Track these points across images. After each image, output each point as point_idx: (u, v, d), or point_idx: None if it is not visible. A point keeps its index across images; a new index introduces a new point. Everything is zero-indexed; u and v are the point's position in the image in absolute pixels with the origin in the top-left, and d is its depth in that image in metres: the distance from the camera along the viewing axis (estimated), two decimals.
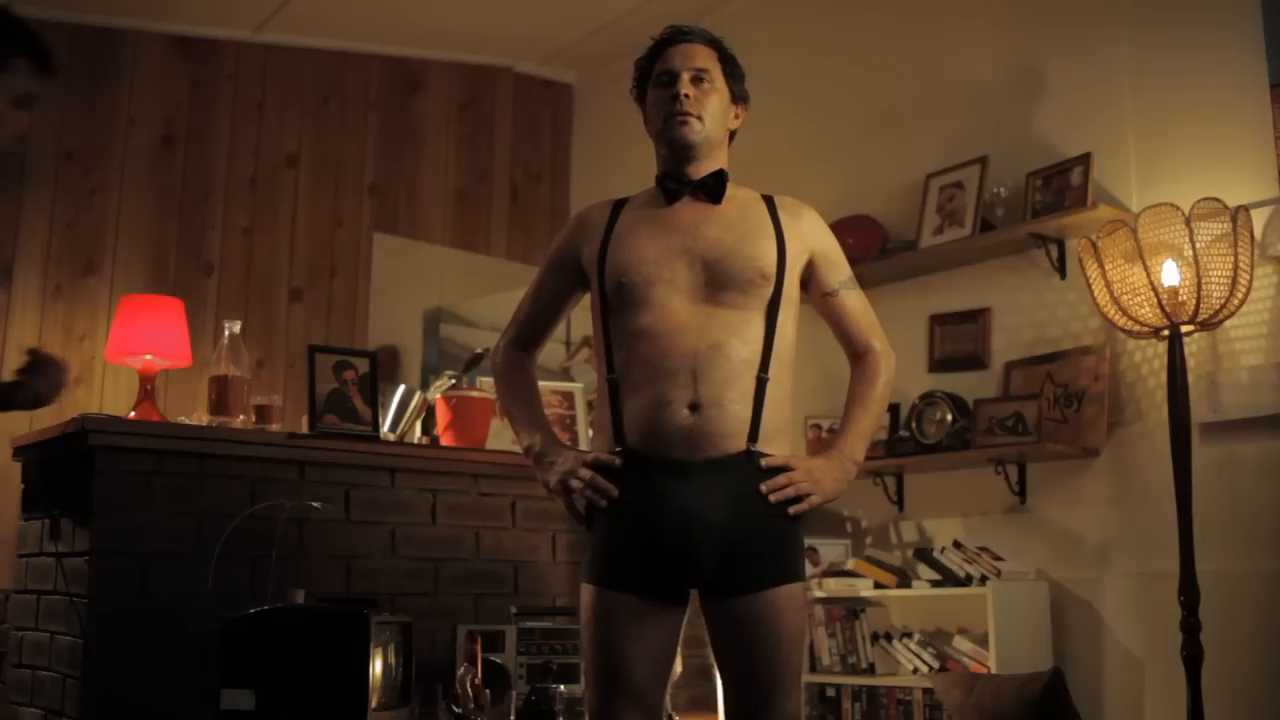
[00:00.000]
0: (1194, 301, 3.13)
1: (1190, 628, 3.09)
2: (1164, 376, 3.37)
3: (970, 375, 3.97)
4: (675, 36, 2.30)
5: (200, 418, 3.38)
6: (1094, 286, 3.32)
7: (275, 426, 3.39)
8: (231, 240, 4.83)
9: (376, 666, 2.75)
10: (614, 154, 5.20)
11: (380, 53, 5.28)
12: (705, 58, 2.27)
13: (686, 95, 2.23)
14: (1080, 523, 3.66)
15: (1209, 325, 3.21)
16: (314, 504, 3.18)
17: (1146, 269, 3.17)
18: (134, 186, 4.65)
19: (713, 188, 2.26)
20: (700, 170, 2.26)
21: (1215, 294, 3.13)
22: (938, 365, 4.07)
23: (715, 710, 3.35)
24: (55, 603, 3.08)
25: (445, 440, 3.58)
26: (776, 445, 2.18)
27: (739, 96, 2.31)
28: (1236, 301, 3.15)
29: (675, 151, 2.26)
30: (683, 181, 2.26)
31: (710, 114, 2.25)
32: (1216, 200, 3.17)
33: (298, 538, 3.19)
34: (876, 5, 4.53)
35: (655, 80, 2.29)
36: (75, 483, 3.03)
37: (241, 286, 4.81)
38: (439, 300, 5.22)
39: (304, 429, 3.37)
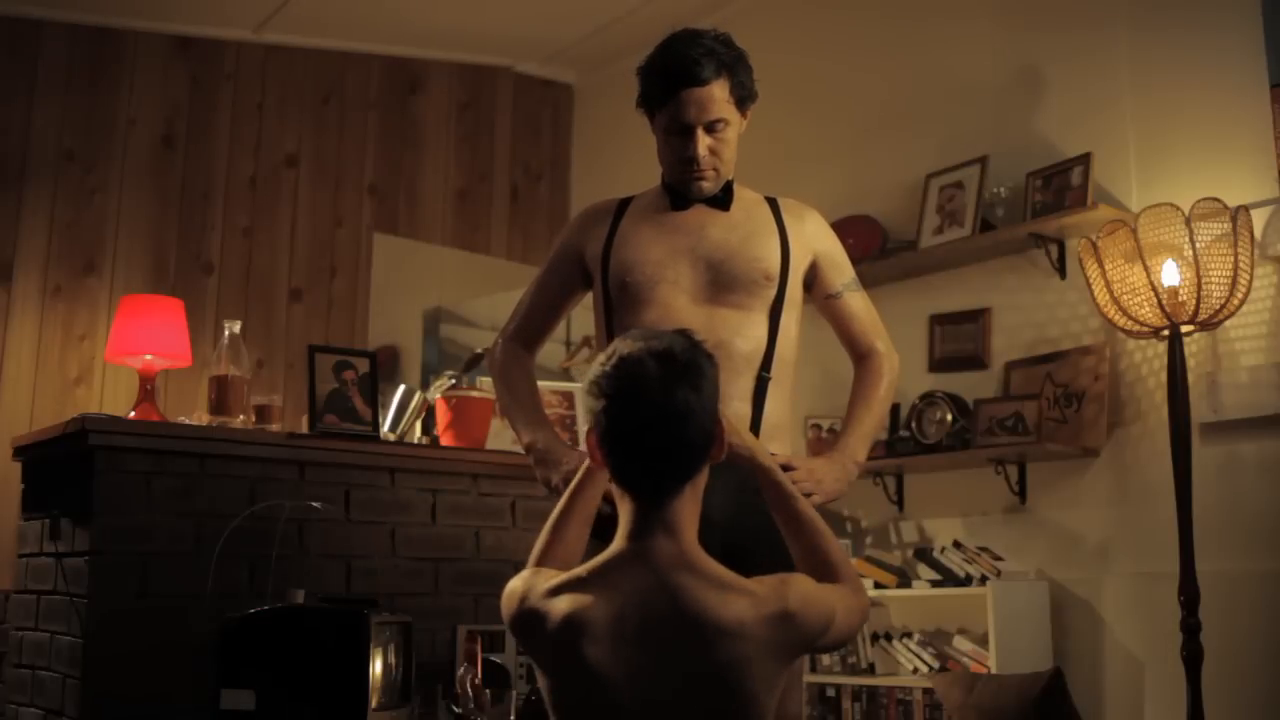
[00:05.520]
0: (1194, 301, 3.13)
1: (1190, 628, 3.09)
2: (1164, 376, 3.37)
3: (970, 375, 3.97)
4: (687, 74, 2.15)
5: (200, 418, 3.38)
6: (1094, 286, 3.32)
7: (275, 426, 3.39)
8: (231, 240, 4.83)
9: (376, 666, 2.75)
10: (614, 154, 5.20)
11: (380, 53, 5.28)
12: (720, 101, 2.17)
13: (704, 155, 2.18)
14: (1080, 523, 3.66)
15: (1209, 325, 3.21)
16: (314, 504, 3.17)
17: (1146, 269, 3.17)
18: (134, 186, 4.65)
19: (722, 200, 2.25)
20: None
21: (1215, 294, 3.13)
22: (938, 365, 4.07)
23: None
24: (55, 603, 3.08)
25: (445, 440, 3.58)
26: (777, 444, 2.18)
27: (749, 103, 2.25)
28: (1236, 301, 3.15)
29: (689, 193, 2.24)
30: (691, 197, 2.25)
31: (726, 159, 2.22)
32: (1216, 200, 3.17)
33: (298, 538, 3.19)
34: (876, 5, 4.53)
35: (668, 126, 2.20)
36: (75, 483, 3.02)
37: (241, 286, 4.81)
38: (439, 300, 5.22)
39: (304, 429, 3.37)
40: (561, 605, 1.65)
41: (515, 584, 1.76)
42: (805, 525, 1.86)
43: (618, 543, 1.70)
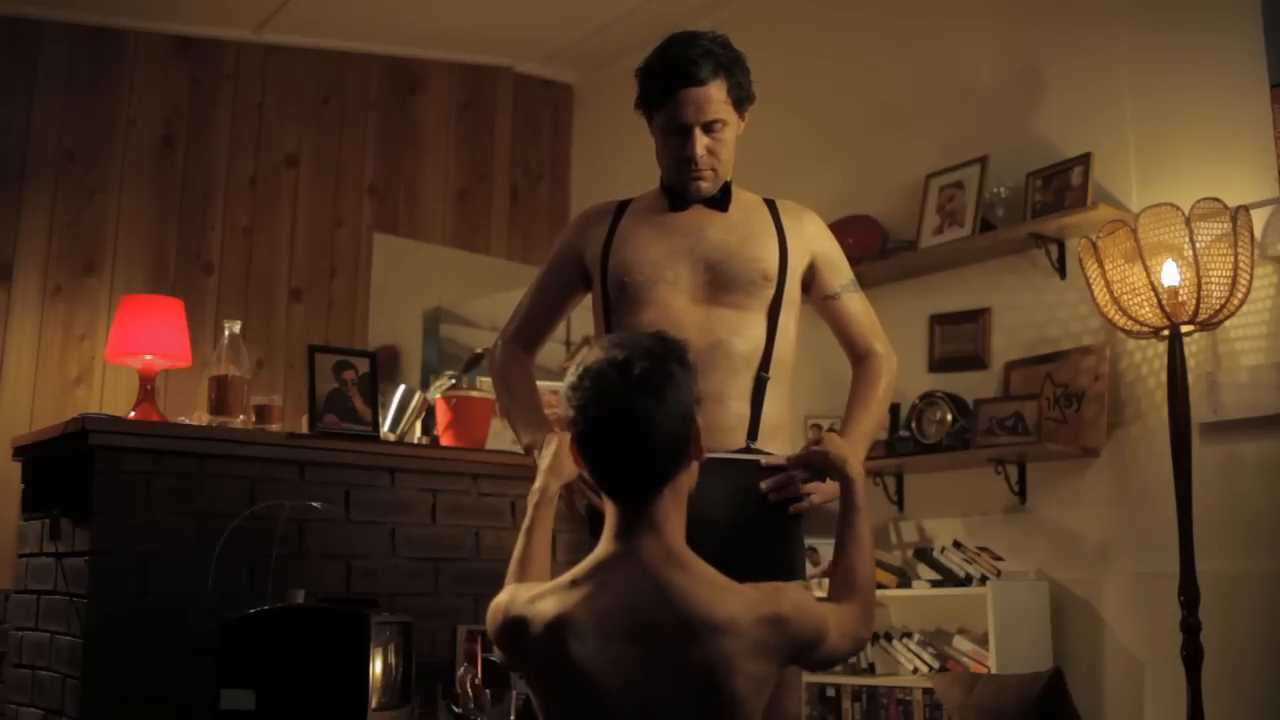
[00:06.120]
0: (1194, 301, 3.13)
1: (1190, 628, 3.09)
2: (1164, 376, 3.37)
3: (970, 375, 3.97)
4: (685, 74, 2.16)
5: (200, 418, 3.38)
6: (1094, 286, 3.32)
7: (275, 426, 3.39)
8: (231, 240, 4.83)
9: (376, 666, 2.75)
10: (614, 154, 5.20)
11: (380, 53, 5.28)
12: (717, 101, 2.17)
13: (702, 155, 2.19)
14: (1080, 523, 3.66)
15: (1209, 325, 3.21)
16: (314, 504, 3.18)
17: (1146, 269, 3.17)
18: (134, 186, 4.65)
19: (720, 201, 2.25)
20: None
21: (1215, 294, 3.13)
22: (938, 365, 4.07)
23: None
24: (55, 603, 3.08)
25: (445, 440, 3.58)
26: (776, 444, 2.19)
27: (746, 104, 2.25)
28: (1236, 301, 3.15)
29: (688, 193, 2.25)
30: (689, 197, 2.25)
31: (724, 159, 2.22)
32: (1216, 200, 3.17)
33: (298, 538, 3.19)
34: (876, 5, 4.53)
35: (666, 127, 2.21)
36: (75, 483, 3.02)
37: (241, 286, 4.81)
38: (439, 300, 5.22)
39: (304, 429, 3.37)
40: (547, 608, 1.66)
41: (500, 598, 1.78)
42: (854, 542, 1.93)
43: (604, 544, 1.70)
